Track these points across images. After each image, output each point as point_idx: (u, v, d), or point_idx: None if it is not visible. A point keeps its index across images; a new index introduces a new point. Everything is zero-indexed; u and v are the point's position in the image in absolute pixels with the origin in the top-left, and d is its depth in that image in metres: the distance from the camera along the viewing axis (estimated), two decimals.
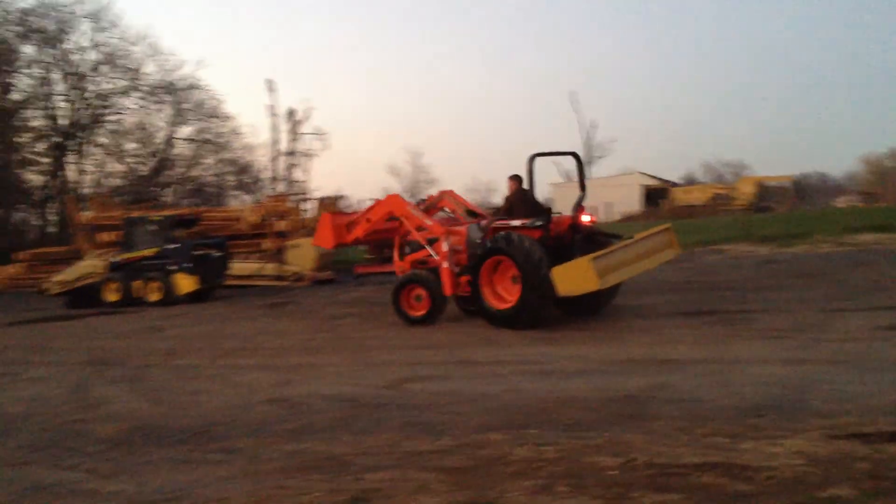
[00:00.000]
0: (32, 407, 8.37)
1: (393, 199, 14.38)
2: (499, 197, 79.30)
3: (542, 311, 11.32)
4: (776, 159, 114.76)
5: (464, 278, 12.25)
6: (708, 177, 76.49)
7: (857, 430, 5.25)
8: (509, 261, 11.39)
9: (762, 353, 8.58)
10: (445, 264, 12.47)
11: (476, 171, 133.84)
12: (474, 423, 6.31)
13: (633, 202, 56.92)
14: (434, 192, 16.60)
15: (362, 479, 5.10)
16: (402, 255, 13.94)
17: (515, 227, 11.74)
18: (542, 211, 12.10)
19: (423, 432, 6.17)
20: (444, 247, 12.51)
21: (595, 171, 68.66)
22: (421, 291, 12.69)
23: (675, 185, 62.94)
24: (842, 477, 4.33)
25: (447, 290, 12.46)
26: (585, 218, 12.01)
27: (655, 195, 59.56)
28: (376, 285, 21.42)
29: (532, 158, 12.03)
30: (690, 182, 71.25)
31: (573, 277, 10.54)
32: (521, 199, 12.43)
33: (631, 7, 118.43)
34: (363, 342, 11.40)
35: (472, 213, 14.30)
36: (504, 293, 11.74)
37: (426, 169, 75.40)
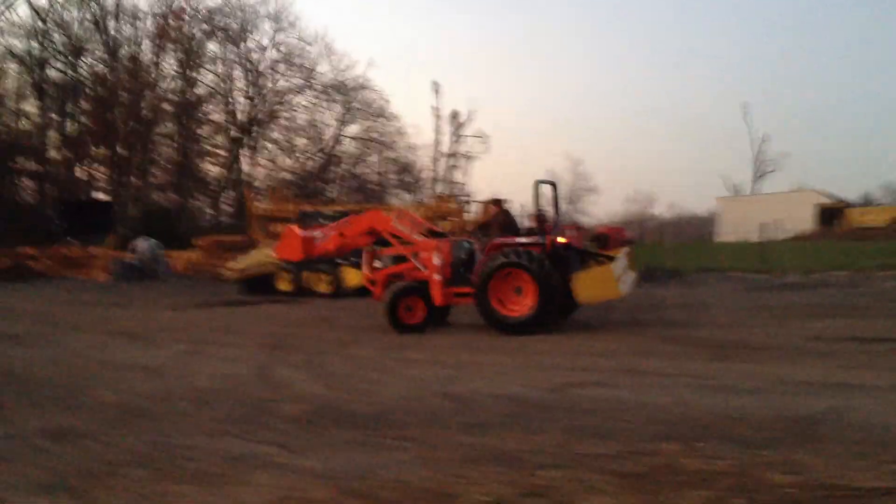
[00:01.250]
0: (223, 383, 9.07)
1: (374, 215, 15.20)
2: (657, 209, 77.78)
3: (551, 318, 12.91)
4: None
5: (451, 289, 13.50)
6: (888, 198, 71.99)
7: None
8: (520, 273, 12.71)
9: None
10: (437, 276, 13.54)
11: (637, 183, 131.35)
12: (643, 432, 6.43)
13: (805, 221, 54.38)
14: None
15: (535, 476, 5.33)
16: (371, 268, 14.80)
17: (521, 244, 13.14)
18: (517, 230, 13.89)
19: (592, 436, 6.34)
20: (436, 260, 13.56)
21: (766, 187, 66.27)
22: (414, 302, 13.68)
23: (851, 205, 59.61)
24: None
25: (438, 300, 13.61)
26: (562, 239, 13.47)
27: (830, 214, 56.65)
28: None
29: (536, 184, 13.90)
30: (868, 203, 67.30)
31: (595, 285, 11.41)
32: (503, 220, 14.35)
33: (808, 14, 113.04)
34: (526, 344, 11.66)
35: (433, 233, 14.97)
36: (509, 303, 12.94)
37: (586, 176, 74.71)
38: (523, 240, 13.27)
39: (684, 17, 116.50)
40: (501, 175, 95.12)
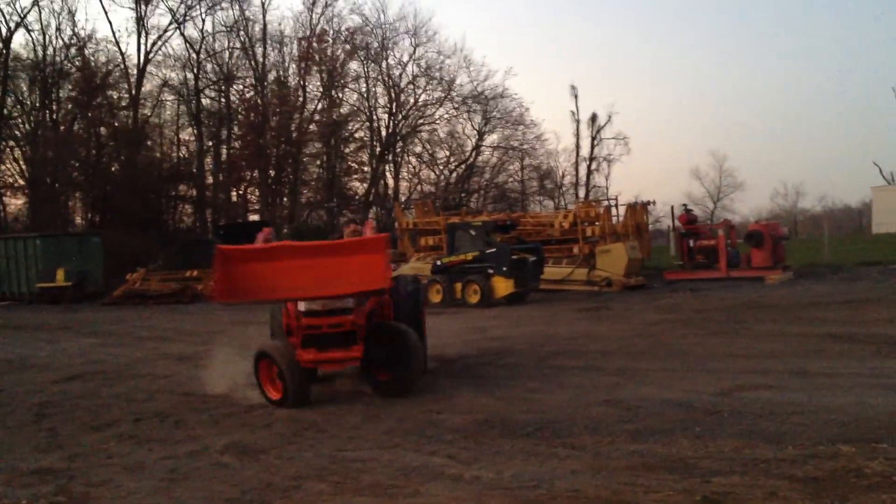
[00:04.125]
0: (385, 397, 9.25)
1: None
2: (806, 202, 74.07)
3: None
4: None
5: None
6: None
7: None
8: None
9: None
10: None
11: (785, 177, 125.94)
12: (819, 435, 6.32)
13: None
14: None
15: (710, 482, 5.35)
16: None
17: None
18: None
19: (765, 441, 6.29)
20: None
21: None
22: None
23: None
24: None
25: None
26: None
27: None
28: (688, 291, 21.27)
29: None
30: None
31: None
32: None
33: None
34: (685, 348, 11.54)
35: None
36: None
37: (731, 173, 72.31)
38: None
39: (830, 7, 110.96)
40: (646, 176, 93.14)
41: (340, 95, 47.39)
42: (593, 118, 52.86)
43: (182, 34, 44.68)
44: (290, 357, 8.88)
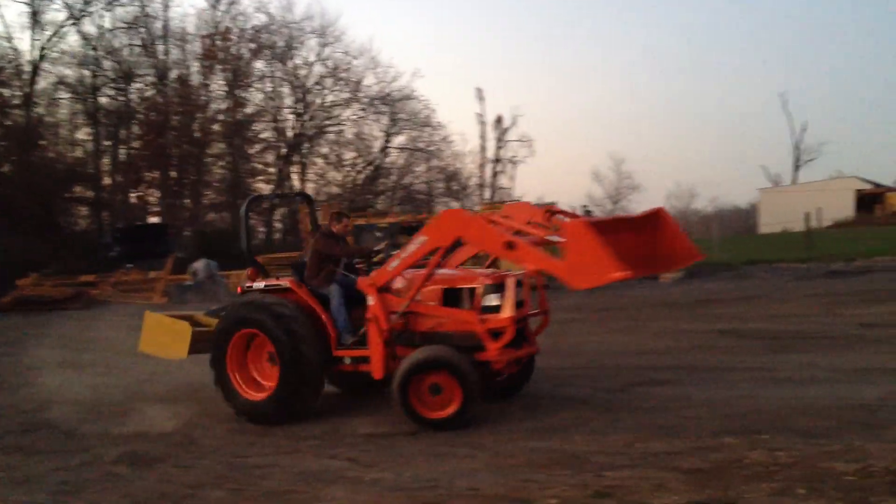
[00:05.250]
0: None
1: None
2: (699, 203, 76.98)
3: None
4: None
5: None
6: None
7: None
8: None
9: None
10: None
11: (678, 178, 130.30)
12: (708, 427, 6.60)
13: (845, 208, 53.30)
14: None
15: (602, 476, 5.52)
16: None
17: None
18: None
19: (656, 434, 6.53)
20: None
21: (805, 176, 65.30)
22: None
23: (891, 189, 58.32)
24: None
25: None
26: None
27: (870, 200, 55.50)
28: (588, 292, 21.71)
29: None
30: None
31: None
32: None
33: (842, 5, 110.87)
34: (585, 346, 11.87)
35: None
36: None
37: (629, 175, 74.10)
38: None
39: (722, 12, 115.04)
40: (549, 178, 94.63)
41: (245, 95, 46.64)
42: (498, 120, 53.44)
43: (79, 30, 43.22)
44: (471, 362, 7.67)
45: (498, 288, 7.97)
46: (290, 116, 47.69)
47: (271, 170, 47.98)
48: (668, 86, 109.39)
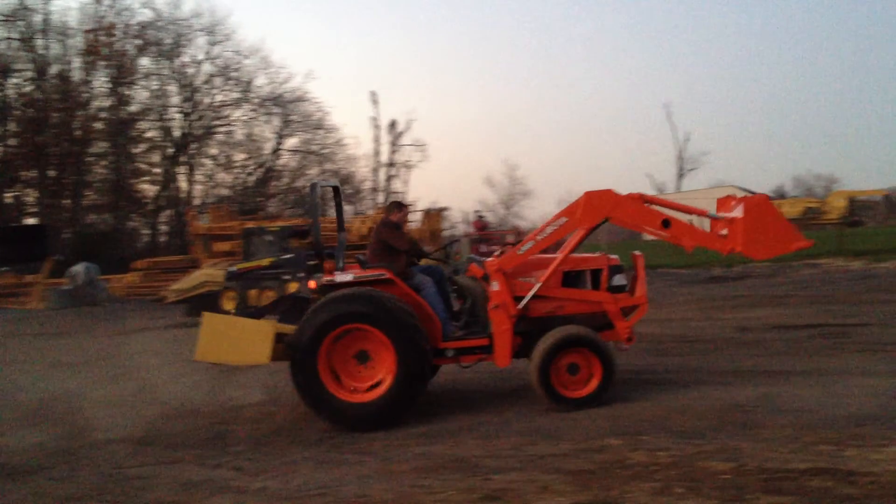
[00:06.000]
0: (173, 409, 8.98)
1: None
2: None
3: None
4: (868, 173, 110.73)
5: None
6: (798, 190, 74.43)
7: None
8: None
9: (865, 365, 8.83)
10: None
11: (569, 185, 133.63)
12: (591, 429, 6.76)
13: None
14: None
15: (491, 480, 5.58)
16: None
17: None
18: None
19: (543, 437, 6.65)
20: None
21: (686, 185, 67.86)
22: None
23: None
24: None
25: None
26: None
27: None
28: None
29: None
30: (781, 195, 69.24)
31: None
32: None
33: (725, 17, 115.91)
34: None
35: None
36: None
37: (521, 181, 75.47)
38: None
39: (611, 22, 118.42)
40: (443, 183, 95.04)
41: (129, 93, 45.18)
42: (392, 124, 53.45)
43: None
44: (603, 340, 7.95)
45: (619, 269, 8.40)
46: (178, 115, 46.48)
47: (157, 170, 46.64)
48: (560, 94, 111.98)
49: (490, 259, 8.24)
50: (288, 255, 21.24)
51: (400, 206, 8.86)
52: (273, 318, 8.36)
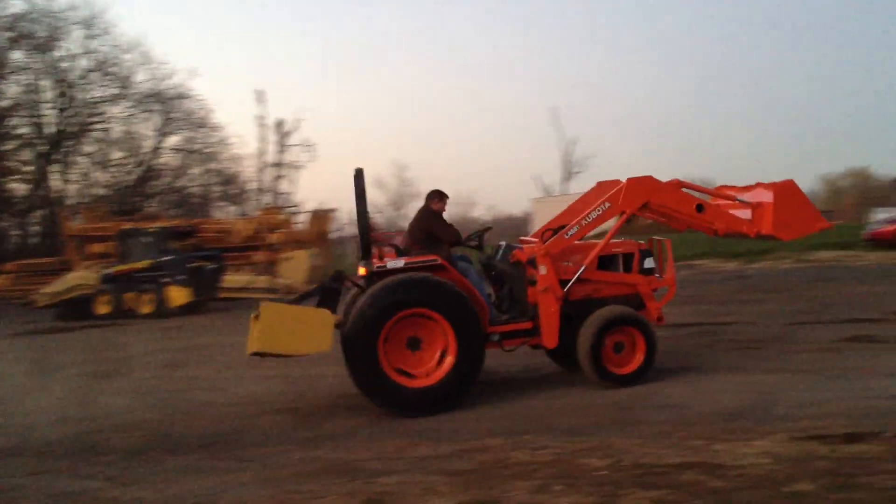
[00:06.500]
0: (42, 418, 8.63)
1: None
2: (477, 211, 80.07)
3: None
4: (746, 175, 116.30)
5: None
6: None
7: (818, 433, 5.81)
8: None
9: (738, 362, 9.21)
10: None
11: (458, 186, 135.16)
12: (474, 430, 6.82)
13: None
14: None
15: (373, 483, 5.56)
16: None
17: None
18: None
19: (426, 439, 6.66)
20: None
21: (573, 188, 69.51)
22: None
23: None
24: (804, 474, 4.88)
25: None
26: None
27: None
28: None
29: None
30: None
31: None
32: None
33: (613, 23, 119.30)
34: None
35: None
36: None
37: (411, 182, 75.57)
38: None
39: (500, 26, 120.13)
40: (331, 184, 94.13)
41: None
42: (279, 124, 52.56)
43: None
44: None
45: (649, 253, 8.93)
46: (51, 111, 44.42)
47: (28, 168, 44.45)
48: (451, 97, 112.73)
49: (535, 244, 8.57)
50: (168, 257, 20.63)
51: (441, 196, 8.80)
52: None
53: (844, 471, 4.92)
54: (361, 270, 8.19)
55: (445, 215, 8.74)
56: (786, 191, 8.82)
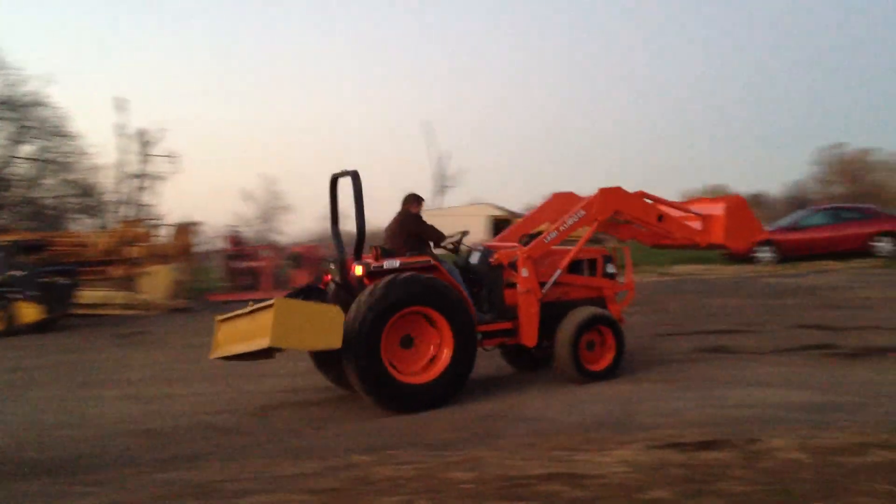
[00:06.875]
0: None
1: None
2: (350, 224, 79.54)
3: None
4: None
5: None
6: None
7: (675, 441, 5.99)
8: None
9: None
10: None
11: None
12: (340, 447, 6.71)
13: (482, 232, 58.45)
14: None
15: None
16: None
17: None
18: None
19: (289, 457, 6.50)
20: None
21: (446, 202, 70.09)
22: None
23: (518, 215, 65.08)
24: (660, 481, 5.01)
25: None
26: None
27: (502, 225, 61.41)
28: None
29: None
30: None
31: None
32: None
33: (482, 38, 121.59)
34: (221, 370, 11.52)
35: None
36: None
37: (281, 195, 74.37)
38: None
39: (371, 40, 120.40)
40: (197, 196, 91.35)
41: None
42: (142, 134, 50.68)
43: None
44: None
45: (610, 259, 9.74)
46: None
47: None
48: (324, 110, 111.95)
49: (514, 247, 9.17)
50: (17, 272, 19.48)
51: (419, 199, 9.23)
52: None
53: (698, 477, 5.08)
54: (358, 270, 8.31)
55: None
56: (736, 205, 10.05)
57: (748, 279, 21.67)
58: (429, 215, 9.68)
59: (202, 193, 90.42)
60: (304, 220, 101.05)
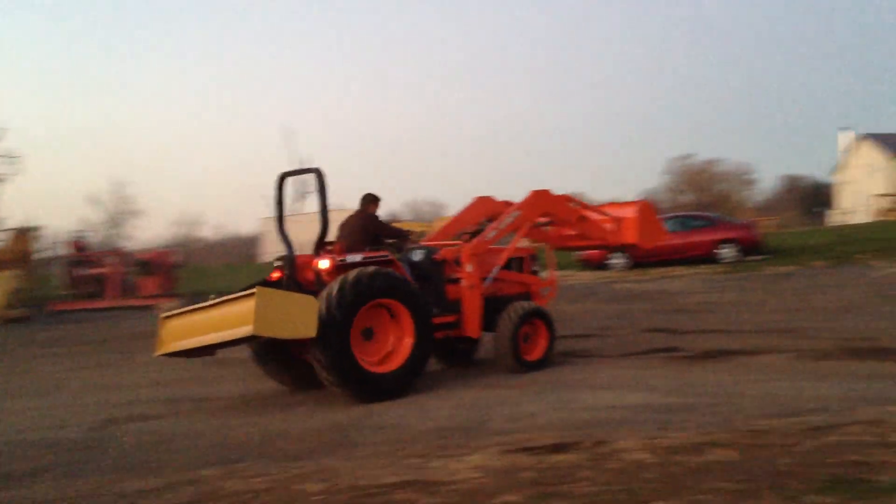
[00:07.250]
0: None
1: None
2: (204, 231, 77.21)
3: None
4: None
5: None
6: (409, 214, 79.75)
7: (526, 445, 6.07)
8: None
9: (456, 380, 9.53)
10: None
11: (184, 205, 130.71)
12: (186, 461, 6.41)
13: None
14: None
15: None
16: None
17: None
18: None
19: (136, 473, 6.15)
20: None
21: (307, 207, 69.10)
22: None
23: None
24: (510, 485, 5.05)
25: None
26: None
27: None
28: (77, 323, 20.34)
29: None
30: (393, 219, 73.44)
31: None
32: None
33: (343, 40, 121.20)
34: (60, 382, 10.95)
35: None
36: None
37: (131, 200, 71.35)
38: None
39: (226, 42, 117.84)
40: (40, 200, 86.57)
41: None
42: None
43: None
44: None
45: (535, 258, 10.73)
46: None
47: None
48: (179, 113, 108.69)
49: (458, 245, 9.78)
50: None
51: (376, 199, 9.65)
52: None
53: (547, 480, 5.15)
54: (324, 264, 8.58)
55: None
56: (646, 208, 11.36)
57: (602, 284, 22.43)
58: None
59: (45, 197, 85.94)
60: (158, 226, 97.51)
